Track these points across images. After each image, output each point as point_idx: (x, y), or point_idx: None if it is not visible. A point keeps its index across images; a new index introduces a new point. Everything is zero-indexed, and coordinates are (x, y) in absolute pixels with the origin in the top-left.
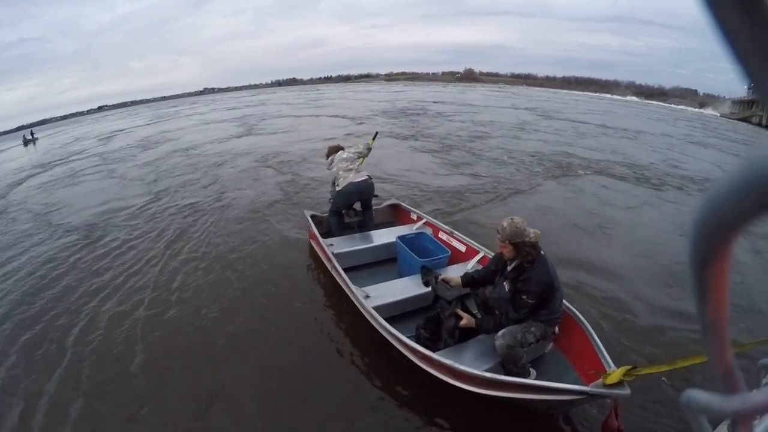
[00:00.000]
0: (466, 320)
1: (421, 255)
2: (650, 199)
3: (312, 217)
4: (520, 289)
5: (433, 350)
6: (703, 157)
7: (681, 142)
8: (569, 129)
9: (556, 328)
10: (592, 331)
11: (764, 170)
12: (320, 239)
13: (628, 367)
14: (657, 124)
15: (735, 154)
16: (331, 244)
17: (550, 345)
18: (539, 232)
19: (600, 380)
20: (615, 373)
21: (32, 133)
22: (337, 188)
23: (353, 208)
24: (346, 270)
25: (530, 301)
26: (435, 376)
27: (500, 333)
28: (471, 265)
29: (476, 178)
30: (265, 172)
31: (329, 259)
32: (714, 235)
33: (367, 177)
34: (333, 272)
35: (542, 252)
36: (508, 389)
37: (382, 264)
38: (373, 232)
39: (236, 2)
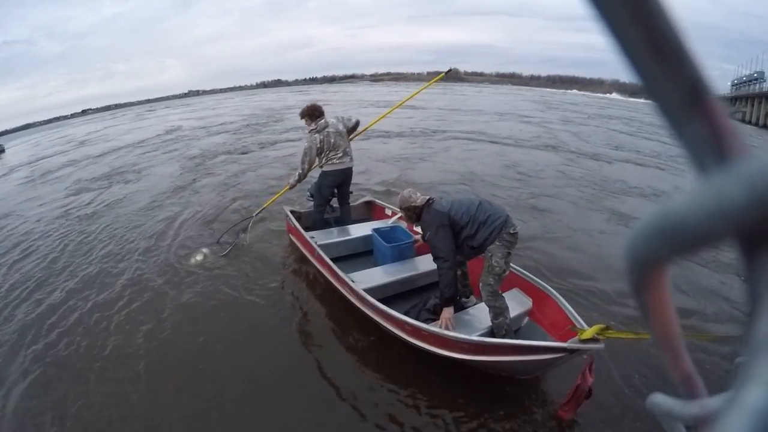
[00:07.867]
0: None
1: None
2: None
3: (291, 212)
4: (425, 238)
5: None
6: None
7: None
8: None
9: (529, 301)
10: (561, 298)
11: (673, 219)
12: (303, 232)
13: (602, 326)
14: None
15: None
16: (313, 237)
17: (526, 319)
18: (425, 197)
19: (576, 336)
20: (590, 330)
21: None
22: (323, 169)
23: (330, 204)
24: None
25: (432, 236)
26: (425, 348)
27: (478, 288)
28: None
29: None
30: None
31: (313, 251)
32: (638, 271)
33: (352, 164)
34: (318, 263)
35: (431, 203)
36: (495, 352)
37: (359, 256)
38: (350, 226)
39: (223, 3)
